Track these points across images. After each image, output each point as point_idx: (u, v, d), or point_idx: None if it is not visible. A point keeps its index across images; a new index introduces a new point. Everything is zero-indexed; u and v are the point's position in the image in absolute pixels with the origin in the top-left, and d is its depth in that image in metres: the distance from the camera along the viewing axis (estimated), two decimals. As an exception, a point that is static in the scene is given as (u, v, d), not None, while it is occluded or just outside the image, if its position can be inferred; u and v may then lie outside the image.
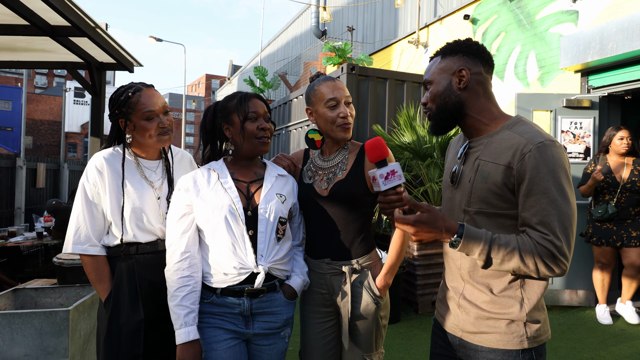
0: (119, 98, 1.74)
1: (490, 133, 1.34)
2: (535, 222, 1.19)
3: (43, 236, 5.91)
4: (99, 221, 1.73)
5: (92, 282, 1.73)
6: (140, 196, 1.74)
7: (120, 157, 1.76)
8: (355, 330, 1.79)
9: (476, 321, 1.32)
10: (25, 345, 2.26)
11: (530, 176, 1.19)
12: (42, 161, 9.54)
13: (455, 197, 1.39)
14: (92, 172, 1.72)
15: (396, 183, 1.33)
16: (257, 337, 1.65)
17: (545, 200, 1.18)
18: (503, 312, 1.29)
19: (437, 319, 1.50)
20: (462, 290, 1.37)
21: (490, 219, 1.28)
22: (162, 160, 1.86)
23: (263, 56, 17.83)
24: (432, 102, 1.38)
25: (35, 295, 2.79)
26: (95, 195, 1.72)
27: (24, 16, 3.36)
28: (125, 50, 4.50)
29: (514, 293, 1.29)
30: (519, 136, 1.25)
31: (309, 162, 1.92)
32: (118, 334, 1.66)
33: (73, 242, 1.70)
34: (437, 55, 1.41)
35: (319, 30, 12.12)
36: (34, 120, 34.77)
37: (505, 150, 1.25)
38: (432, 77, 1.38)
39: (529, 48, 5.76)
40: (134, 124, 1.73)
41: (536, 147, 1.20)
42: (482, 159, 1.31)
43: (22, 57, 4.85)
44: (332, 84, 1.81)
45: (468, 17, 6.68)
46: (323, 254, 1.81)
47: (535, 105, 4.76)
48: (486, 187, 1.27)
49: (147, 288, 1.71)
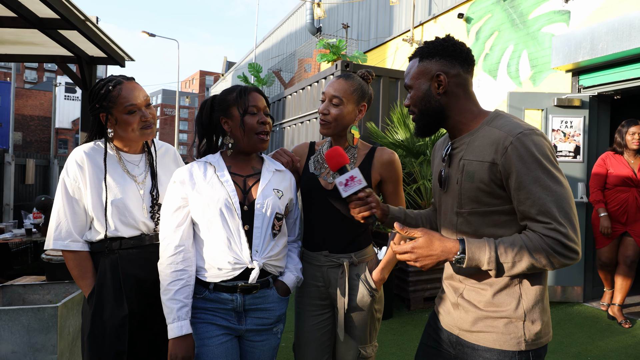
0: (99, 92, 1.69)
1: (471, 131, 1.33)
2: (534, 213, 1.17)
3: (32, 233, 5.83)
4: (80, 216, 1.69)
5: (74, 278, 1.70)
6: (123, 190, 1.71)
7: (102, 151, 1.72)
8: (351, 322, 1.81)
9: (475, 320, 1.31)
10: (13, 342, 2.23)
11: (517, 168, 1.18)
12: (32, 157, 9.42)
13: (447, 200, 1.38)
14: (72, 166, 1.68)
15: (357, 188, 1.38)
16: (250, 333, 1.64)
17: (538, 189, 1.16)
18: (501, 311, 1.27)
19: (436, 313, 1.49)
20: (461, 290, 1.36)
21: (484, 218, 1.27)
22: (145, 154, 1.83)
23: (258, 53, 17.76)
24: (414, 107, 1.38)
25: (23, 292, 2.75)
26: (75, 190, 1.68)
27: (11, 8, 3.29)
28: (116, 44, 4.44)
29: (511, 290, 1.27)
30: (498, 130, 1.25)
31: (317, 153, 1.93)
32: (102, 330, 1.63)
33: (54, 238, 1.67)
34: (415, 56, 1.39)
35: (314, 27, 12.09)
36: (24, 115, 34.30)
37: (487, 146, 1.25)
38: (411, 81, 1.37)
39: (522, 47, 5.79)
40: (116, 118, 1.68)
41: (516, 139, 1.19)
42: (466, 158, 1.30)
43: (10, 50, 4.76)
44: (332, 80, 1.87)
45: (462, 16, 6.70)
46: (321, 246, 1.82)
47: (527, 104, 4.79)
48: (474, 187, 1.26)
49: (132, 283, 1.69)
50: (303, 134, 6.21)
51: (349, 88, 1.81)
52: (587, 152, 4.69)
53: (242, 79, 11.01)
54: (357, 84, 1.83)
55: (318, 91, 5.78)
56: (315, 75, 5.93)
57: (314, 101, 5.90)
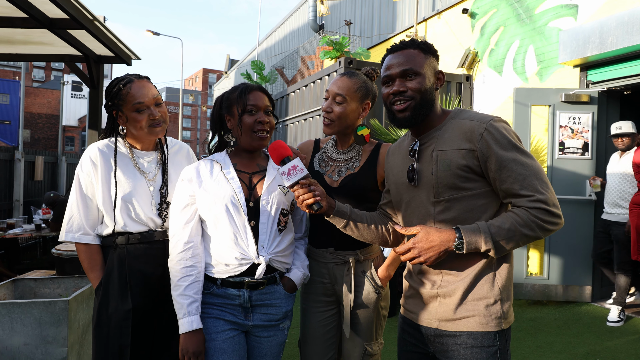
0: (112, 89, 1.75)
1: (438, 126, 1.42)
2: (518, 188, 1.28)
3: (41, 228, 5.92)
4: (92, 211, 1.75)
5: (85, 270, 1.76)
6: (133, 186, 1.75)
7: (114, 148, 1.77)
8: (356, 319, 1.81)
9: (456, 307, 1.35)
10: (25, 334, 2.27)
11: (495, 151, 1.29)
12: (40, 154, 9.52)
13: (419, 194, 1.43)
14: (86, 162, 1.74)
15: (299, 177, 1.44)
16: (257, 328, 1.66)
17: (516, 166, 1.28)
18: (479, 292, 1.34)
19: (407, 316, 1.51)
20: (439, 282, 1.39)
21: (462, 203, 1.35)
22: (158, 151, 1.87)
23: (260, 50, 17.74)
24: (417, 93, 1.38)
25: (35, 285, 2.80)
26: (89, 185, 1.74)
27: (23, 8, 3.34)
28: (123, 43, 4.48)
29: (487, 271, 1.35)
30: (468, 121, 1.36)
31: (322, 151, 1.94)
32: (107, 323, 1.68)
33: (66, 231, 1.74)
34: (411, 47, 1.42)
35: (317, 24, 12.06)
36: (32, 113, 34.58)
37: (460, 135, 1.35)
38: (421, 69, 1.39)
39: (528, 42, 5.76)
40: (126, 115, 1.74)
41: (489, 125, 1.32)
42: (438, 149, 1.38)
43: (21, 50, 4.83)
44: (335, 78, 1.87)
45: (466, 11, 6.67)
46: (327, 243, 1.83)
47: (534, 100, 4.77)
48: (451, 174, 1.34)
49: (138, 278, 1.72)
50: (306, 131, 6.23)
51: (353, 86, 1.81)
52: (596, 149, 4.66)
53: (245, 76, 11.02)
54: (361, 82, 1.83)
55: (321, 88, 5.79)
56: (318, 73, 5.93)
57: (317, 98, 5.91)
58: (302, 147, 2.01)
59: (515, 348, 3.57)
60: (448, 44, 7.07)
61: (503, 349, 1.34)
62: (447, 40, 7.11)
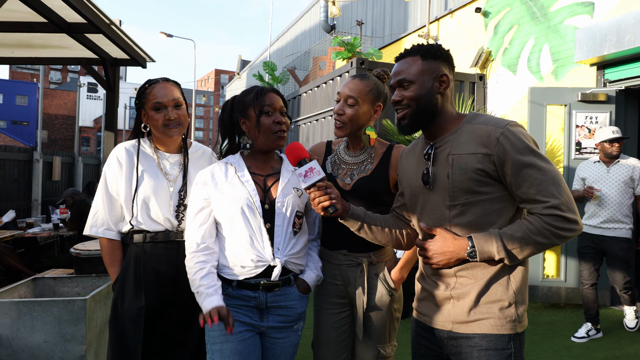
0: (141, 89, 1.85)
1: (453, 130, 1.42)
2: (533, 193, 1.27)
3: (59, 227, 6.04)
4: (116, 208, 1.82)
5: (105, 264, 1.82)
6: (154, 186, 1.80)
7: (142, 148, 1.86)
8: (370, 322, 1.81)
9: (470, 310, 1.35)
10: (45, 332, 2.33)
11: (511, 155, 1.29)
12: (58, 155, 9.70)
13: (434, 197, 1.42)
14: (113, 161, 1.82)
15: (316, 179, 1.45)
16: (272, 330, 1.67)
17: (533, 171, 1.27)
18: (493, 297, 1.34)
19: (420, 319, 1.51)
20: (453, 284, 1.40)
21: (478, 207, 1.35)
22: (181, 154, 1.91)
23: (272, 51, 17.81)
24: (412, 101, 1.42)
25: (54, 284, 2.86)
26: (114, 182, 1.81)
27: (43, 14, 3.43)
28: (138, 47, 4.55)
29: (500, 276, 1.35)
30: (484, 125, 1.36)
31: (334, 154, 1.94)
32: (122, 318, 1.74)
33: (91, 225, 1.81)
34: (411, 54, 1.44)
35: (328, 24, 12.07)
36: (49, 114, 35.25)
37: (475, 140, 1.35)
38: (414, 77, 1.42)
39: (543, 41, 5.69)
40: (147, 114, 1.82)
41: (505, 129, 1.32)
42: (454, 153, 1.38)
43: (40, 54, 4.95)
44: (346, 80, 1.87)
45: (479, 10, 6.61)
46: (340, 245, 1.83)
47: (549, 99, 4.71)
48: (467, 178, 1.34)
49: (152, 277, 1.76)
50: (318, 132, 6.24)
51: (365, 88, 1.81)
52: (612, 148, 4.58)
53: (257, 77, 11.08)
54: (373, 84, 1.83)
55: (333, 89, 5.79)
56: (330, 73, 5.94)
57: (329, 99, 5.92)
58: (314, 150, 2.01)
59: (531, 352, 3.53)
60: (461, 43, 7.02)
61: (517, 352, 1.34)
62: (460, 40, 7.05)
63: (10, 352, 2.29)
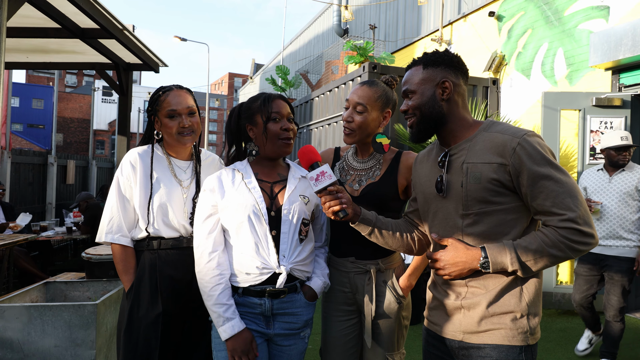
0: (154, 96, 1.85)
1: (468, 137, 1.40)
2: (549, 205, 1.25)
3: (72, 231, 6.11)
4: (130, 214, 1.81)
5: (118, 272, 1.80)
6: (169, 192, 1.80)
7: (155, 154, 1.85)
8: (378, 329, 1.80)
9: (480, 320, 1.34)
10: (55, 336, 2.34)
11: (527, 166, 1.27)
12: (72, 158, 9.84)
13: (447, 205, 1.41)
14: (126, 166, 1.81)
15: (327, 183, 1.44)
16: (278, 337, 1.67)
17: (549, 182, 1.25)
18: (506, 306, 1.32)
19: (431, 328, 1.50)
20: (464, 294, 1.38)
21: (491, 217, 1.33)
22: (193, 161, 1.92)
23: (285, 55, 17.90)
24: (416, 110, 1.43)
25: (65, 288, 2.89)
26: (127, 188, 1.80)
27: (56, 19, 3.48)
28: (151, 51, 4.60)
29: (513, 286, 1.33)
30: (501, 134, 1.33)
31: (342, 160, 1.94)
32: (138, 326, 1.72)
33: (106, 232, 1.79)
34: (416, 64, 1.46)
35: (341, 28, 12.08)
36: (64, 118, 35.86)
37: (491, 149, 1.32)
38: (415, 87, 1.43)
39: (557, 45, 5.62)
40: (160, 121, 1.82)
41: (522, 139, 1.29)
42: (469, 162, 1.35)
43: (55, 59, 5.03)
44: (355, 87, 1.87)
45: (493, 14, 6.56)
46: (348, 252, 1.82)
47: (563, 104, 4.65)
48: (481, 187, 1.32)
49: (168, 283, 1.76)
50: (330, 136, 6.24)
51: (373, 95, 1.80)
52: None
53: (269, 81, 11.12)
54: (381, 91, 1.82)
55: (345, 93, 5.79)
56: (343, 78, 5.94)
57: (341, 103, 5.91)
58: (322, 156, 2.00)
59: (544, 359, 3.47)
60: (474, 47, 6.97)
61: None
62: (473, 44, 7.00)
63: (21, 357, 2.31)
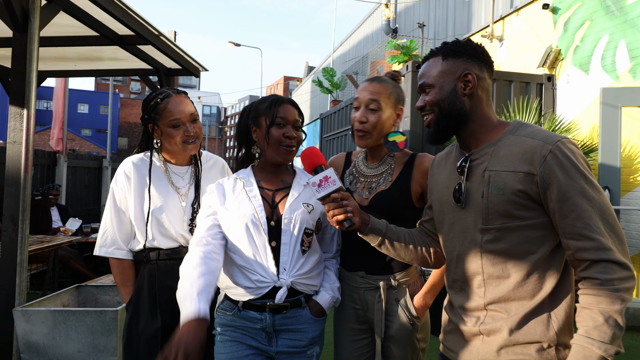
0: (150, 103, 1.76)
1: (492, 141, 1.24)
2: (580, 227, 1.08)
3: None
4: (125, 225, 1.77)
5: (117, 285, 1.78)
6: (165, 202, 1.75)
7: (149, 162, 1.79)
8: (389, 352, 1.64)
9: (500, 349, 1.17)
10: (79, 342, 2.39)
11: (559, 179, 1.10)
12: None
13: (466, 217, 1.24)
14: (120, 177, 1.77)
15: (330, 189, 1.31)
16: (281, 355, 1.56)
17: (582, 200, 1.09)
18: (531, 335, 1.15)
19: (446, 354, 1.33)
20: (483, 318, 1.21)
21: (515, 234, 1.16)
22: (192, 166, 1.86)
23: (336, 56, 17.91)
24: (434, 106, 1.27)
25: (96, 292, 2.96)
26: (122, 199, 1.76)
27: (94, 27, 3.61)
28: (189, 56, 4.67)
29: (539, 312, 1.16)
30: (530, 139, 1.16)
31: (352, 166, 1.80)
32: (137, 340, 1.68)
33: (100, 245, 1.76)
34: (434, 55, 1.30)
35: (390, 28, 11.88)
36: (129, 123, 38.05)
37: (518, 155, 1.16)
38: (433, 80, 1.27)
39: (619, 37, 5.11)
40: (161, 130, 1.75)
41: (555, 147, 1.12)
42: (492, 169, 1.19)
43: (99, 66, 5.25)
44: (363, 85, 1.72)
45: (547, 7, 6.11)
46: (357, 266, 1.69)
47: (625, 100, 4.21)
48: (504, 199, 1.16)
49: (167, 295, 1.70)
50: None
51: (385, 91, 1.65)
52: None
53: (316, 83, 11.13)
54: (392, 86, 1.67)
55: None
56: (384, 78, 5.76)
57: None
58: (334, 161, 1.89)
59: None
60: (527, 42, 6.55)
61: None
62: (527, 39, 6.58)
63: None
